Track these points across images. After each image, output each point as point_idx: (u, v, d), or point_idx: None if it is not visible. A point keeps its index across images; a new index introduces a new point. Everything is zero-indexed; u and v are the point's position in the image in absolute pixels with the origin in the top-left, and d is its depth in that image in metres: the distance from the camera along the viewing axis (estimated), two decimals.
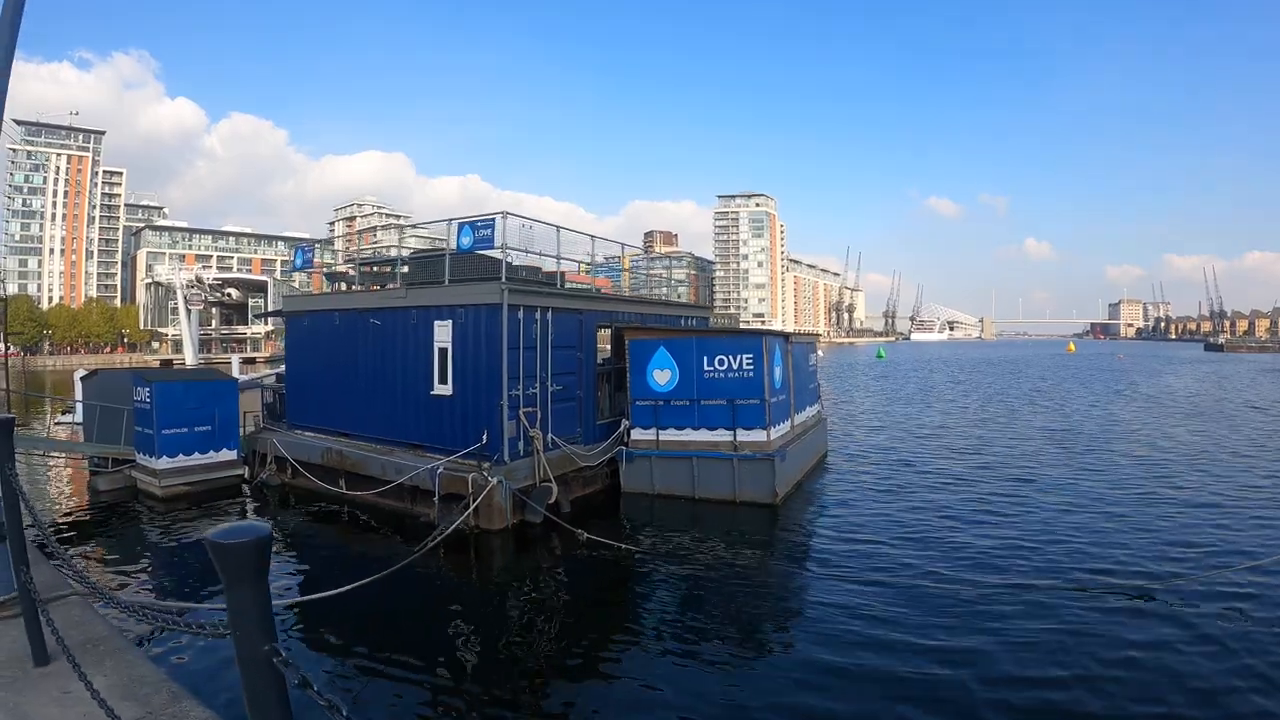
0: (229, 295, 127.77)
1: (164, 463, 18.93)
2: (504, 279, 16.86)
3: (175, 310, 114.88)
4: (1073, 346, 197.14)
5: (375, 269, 22.42)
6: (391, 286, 20.95)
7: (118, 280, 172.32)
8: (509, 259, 17.39)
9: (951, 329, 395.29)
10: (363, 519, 17.40)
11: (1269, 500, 19.16)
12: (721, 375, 18.97)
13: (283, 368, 27.42)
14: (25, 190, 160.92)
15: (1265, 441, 29.92)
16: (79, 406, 28.80)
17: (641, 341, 19.69)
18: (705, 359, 19.09)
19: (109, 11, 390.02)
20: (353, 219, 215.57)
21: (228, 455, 20.20)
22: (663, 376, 19.30)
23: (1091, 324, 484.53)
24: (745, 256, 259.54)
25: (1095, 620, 11.18)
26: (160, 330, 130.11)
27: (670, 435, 19.18)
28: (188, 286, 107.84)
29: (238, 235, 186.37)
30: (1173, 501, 19.05)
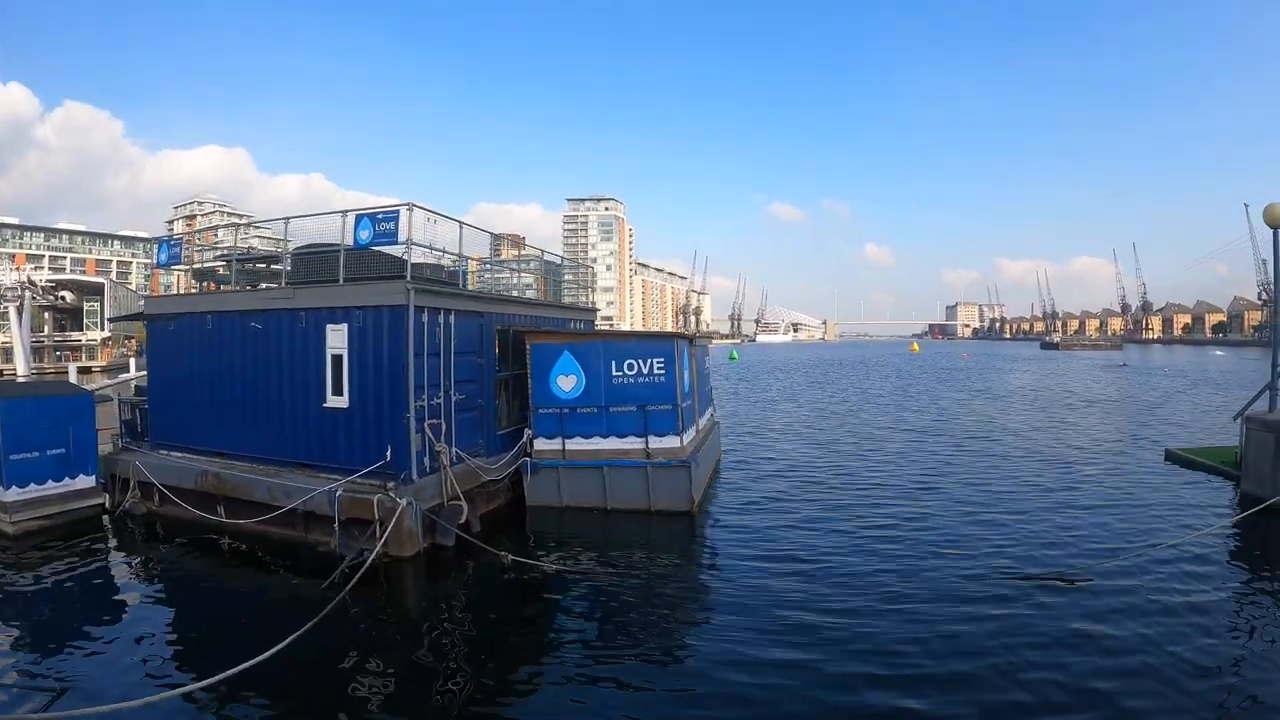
0: (63, 299, 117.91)
1: (14, 494, 16.53)
2: (409, 277, 15.40)
3: (5, 315, 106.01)
4: (916, 347, 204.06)
5: (252, 267, 20.03)
6: (266, 287, 19.09)
7: None
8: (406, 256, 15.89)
9: (796, 331, 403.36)
10: (248, 551, 15.42)
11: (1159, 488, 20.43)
12: (631, 380, 18.27)
13: (126, 376, 24.91)
14: None
15: (1138, 433, 31.86)
16: None
17: (544, 346, 18.66)
18: (613, 364, 18.35)
19: None
20: (193, 217, 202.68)
21: (85, 482, 17.85)
22: (568, 383, 18.37)
23: (930, 325, 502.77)
24: (594, 260, 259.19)
25: (1016, 611, 11.57)
26: None
27: (577, 444, 18.29)
28: (18, 288, 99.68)
29: (71, 233, 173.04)
30: (1071, 491, 20.18)
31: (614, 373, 18.28)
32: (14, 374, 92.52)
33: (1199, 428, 33.40)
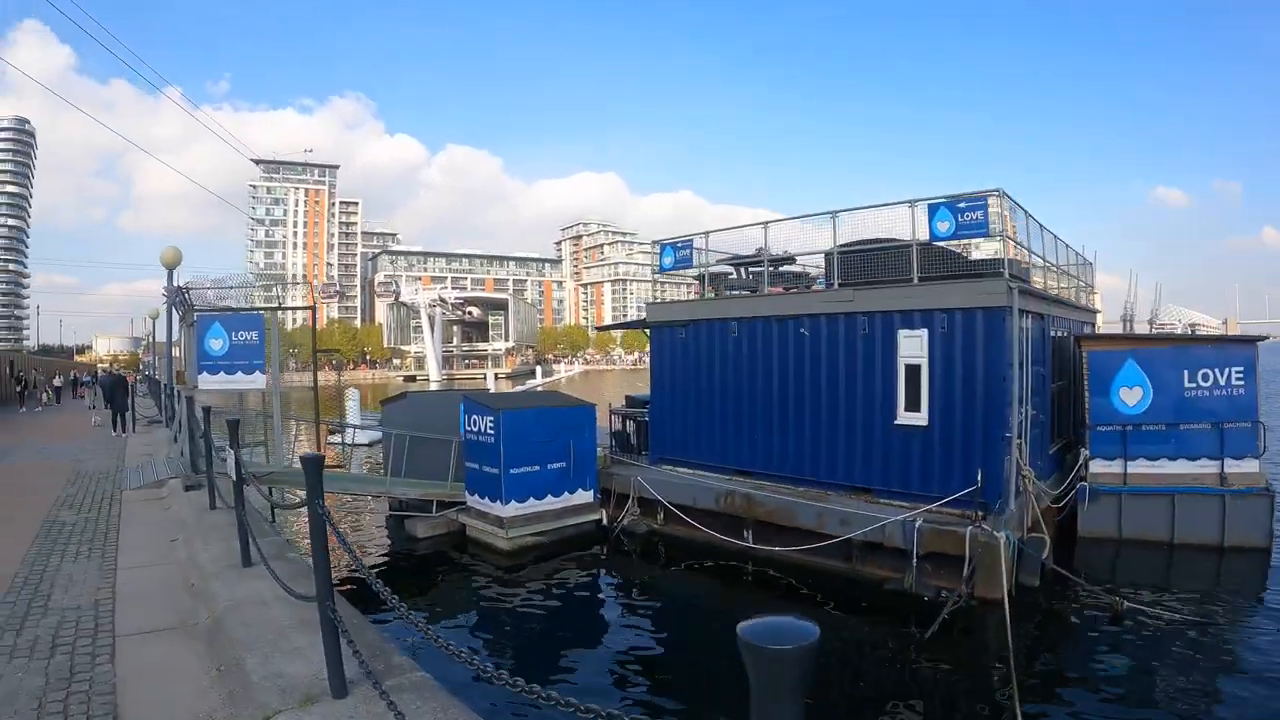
0: (470, 313, 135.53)
1: (512, 508, 16.06)
2: (1009, 275, 13.42)
3: (418, 328, 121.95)
4: None
5: (782, 270, 18.69)
6: (772, 291, 17.86)
7: (357, 302, 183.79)
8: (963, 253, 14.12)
9: (1193, 332, 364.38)
10: (780, 581, 13.90)
11: None
12: (1206, 393, 15.49)
13: (533, 381, 24.68)
14: (268, 222, 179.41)
15: None
16: (353, 431, 27.31)
17: (1104, 353, 16.30)
18: (1186, 373, 15.58)
19: (321, 60, 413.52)
20: (579, 238, 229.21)
21: (584, 497, 17.36)
22: (1131, 396, 15.83)
23: None
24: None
25: None
26: (402, 348, 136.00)
27: (1141, 467, 15.70)
28: (431, 305, 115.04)
29: (469, 257, 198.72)
30: None
31: (1186, 384, 15.53)
32: (426, 380, 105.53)
33: None
